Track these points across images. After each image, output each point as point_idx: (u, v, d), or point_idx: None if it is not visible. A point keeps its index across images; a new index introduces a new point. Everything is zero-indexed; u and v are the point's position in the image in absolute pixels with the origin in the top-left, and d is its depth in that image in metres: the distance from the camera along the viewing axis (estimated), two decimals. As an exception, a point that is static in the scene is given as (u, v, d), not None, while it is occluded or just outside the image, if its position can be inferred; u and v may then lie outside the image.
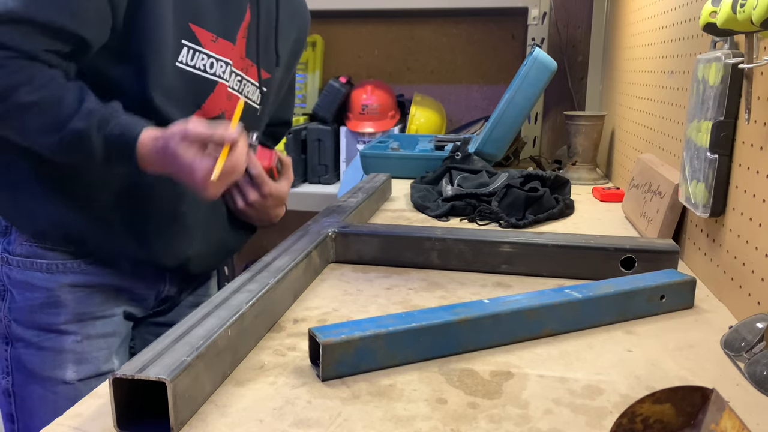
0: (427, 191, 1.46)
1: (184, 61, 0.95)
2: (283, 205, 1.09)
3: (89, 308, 1.01)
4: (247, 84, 1.07)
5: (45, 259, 0.99)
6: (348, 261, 1.03)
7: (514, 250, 0.97)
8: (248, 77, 1.07)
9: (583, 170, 1.70)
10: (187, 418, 0.58)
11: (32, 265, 0.99)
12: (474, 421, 0.59)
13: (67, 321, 1.00)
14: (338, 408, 0.61)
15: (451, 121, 2.46)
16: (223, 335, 0.65)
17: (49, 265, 0.99)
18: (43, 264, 0.99)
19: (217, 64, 0.99)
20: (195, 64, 0.96)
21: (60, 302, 0.99)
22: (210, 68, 0.98)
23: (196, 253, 1.07)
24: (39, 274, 0.99)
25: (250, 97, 1.09)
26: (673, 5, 1.21)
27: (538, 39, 2.03)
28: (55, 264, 0.99)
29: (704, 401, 0.48)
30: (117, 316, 1.05)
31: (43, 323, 0.99)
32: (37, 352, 1.00)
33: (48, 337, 0.99)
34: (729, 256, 0.87)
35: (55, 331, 1.00)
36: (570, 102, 2.33)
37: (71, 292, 1.00)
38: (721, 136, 0.86)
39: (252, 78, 1.08)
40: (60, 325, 1.00)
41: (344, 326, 0.68)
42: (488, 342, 0.73)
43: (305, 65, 2.48)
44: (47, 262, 0.99)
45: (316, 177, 2.30)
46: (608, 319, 0.80)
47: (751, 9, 0.67)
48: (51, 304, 0.99)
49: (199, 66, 0.97)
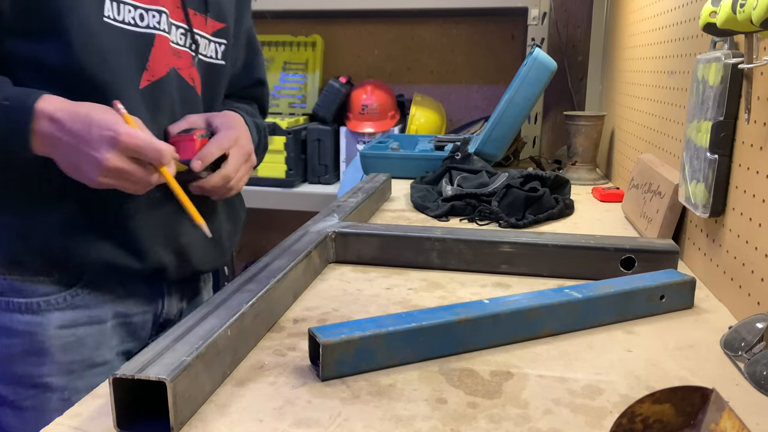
0: (427, 191, 1.46)
1: (111, 16, 0.82)
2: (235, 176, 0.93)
3: (80, 355, 0.88)
4: (199, 38, 0.95)
5: (25, 297, 0.85)
6: (348, 261, 1.03)
7: (513, 250, 0.97)
8: (198, 30, 0.94)
9: (583, 170, 1.71)
10: (187, 418, 0.58)
11: (9, 306, 0.84)
12: (474, 420, 0.59)
13: (53, 373, 0.86)
14: (338, 408, 0.61)
15: (451, 121, 2.46)
16: (223, 335, 0.65)
17: (30, 304, 0.85)
18: (22, 304, 0.85)
19: (148, 15, 0.86)
20: (123, 19, 0.84)
21: (44, 350, 0.85)
22: (141, 20, 0.86)
23: (189, 240, 0.95)
24: (19, 316, 0.85)
25: (205, 53, 0.97)
26: (673, 5, 1.21)
27: (537, 39, 2.03)
28: (37, 302, 0.85)
29: (704, 401, 0.48)
30: (110, 363, 0.92)
31: (23, 376, 0.85)
32: (15, 412, 0.86)
33: (29, 394, 0.86)
34: (729, 256, 0.87)
35: (39, 386, 0.86)
36: (570, 102, 2.33)
37: (58, 336, 0.86)
38: (721, 136, 0.86)
39: (202, 29, 0.95)
40: (44, 377, 0.85)
41: (344, 326, 0.68)
42: (488, 342, 0.73)
43: (305, 65, 2.48)
44: (27, 301, 0.85)
45: (316, 177, 2.30)
46: (608, 319, 0.80)
47: (751, 9, 0.67)
48: (34, 351, 0.85)
49: (128, 20, 0.84)
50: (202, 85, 0.97)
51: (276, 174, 2.25)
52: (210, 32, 0.97)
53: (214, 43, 0.98)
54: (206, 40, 0.96)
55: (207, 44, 0.97)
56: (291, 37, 2.50)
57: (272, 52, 2.52)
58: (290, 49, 2.51)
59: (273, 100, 2.50)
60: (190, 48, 0.94)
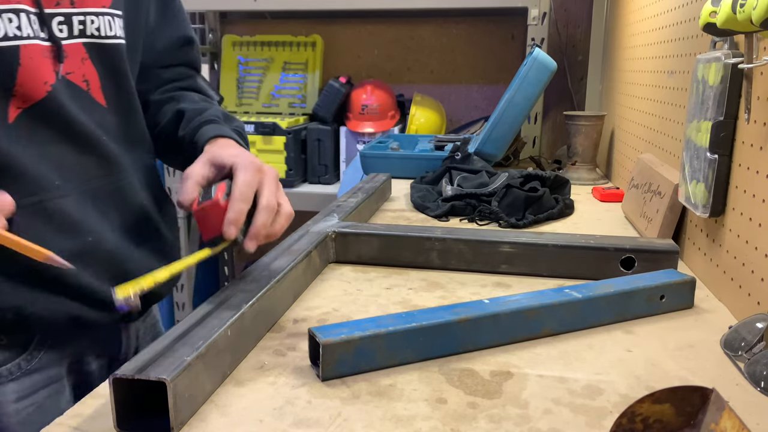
0: (427, 191, 1.46)
1: None
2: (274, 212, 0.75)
3: (41, 423, 0.68)
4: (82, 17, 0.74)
5: None
6: (348, 261, 1.03)
7: (513, 250, 0.97)
8: (78, 8, 0.74)
9: (583, 170, 1.71)
10: (187, 418, 0.58)
11: None
12: (474, 421, 0.59)
13: None
14: (338, 408, 0.61)
15: (451, 121, 2.46)
16: (223, 335, 0.65)
17: None
18: None
19: (2, 20, 0.66)
20: None
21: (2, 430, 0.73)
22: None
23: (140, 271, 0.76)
24: None
25: (100, 34, 0.76)
26: (673, 5, 1.21)
27: (537, 39, 2.03)
28: None
29: (704, 401, 0.48)
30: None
31: None
32: None
33: None
34: (729, 256, 0.87)
35: None
36: (570, 102, 2.33)
37: (16, 412, 0.73)
38: (721, 136, 0.86)
39: (84, 4, 0.75)
40: None
41: (344, 326, 0.68)
42: (488, 342, 0.73)
43: (305, 65, 2.48)
44: None
45: (316, 177, 2.30)
46: (608, 319, 0.80)
47: (751, 9, 0.67)
48: None
49: None
50: (102, 79, 0.79)
51: (276, 174, 2.25)
52: (98, 4, 0.77)
53: (104, 17, 0.77)
54: (92, 17, 0.76)
55: (100, 21, 0.77)
56: (291, 37, 2.50)
57: (272, 52, 2.52)
58: (290, 49, 2.51)
59: (273, 100, 2.50)
60: (75, 36, 0.74)
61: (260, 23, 2.60)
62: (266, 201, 0.73)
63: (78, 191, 0.76)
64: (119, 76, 0.81)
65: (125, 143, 0.83)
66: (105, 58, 0.78)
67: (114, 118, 0.81)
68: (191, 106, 0.90)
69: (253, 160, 0.76)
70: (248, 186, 0.73)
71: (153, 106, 0.93)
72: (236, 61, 2.54)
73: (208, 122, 0.87)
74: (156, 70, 0.93)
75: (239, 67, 2.54)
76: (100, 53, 0.77)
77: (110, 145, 0.80)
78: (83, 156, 0.76)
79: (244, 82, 2.53)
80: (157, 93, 0.94)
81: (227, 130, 0.86)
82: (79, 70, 0.75)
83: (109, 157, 0.80)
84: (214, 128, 0.86)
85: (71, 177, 0.75)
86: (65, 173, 0.74)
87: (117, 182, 0.81)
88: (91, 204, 0.77)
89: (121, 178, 0.82)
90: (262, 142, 2.23)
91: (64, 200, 0.74)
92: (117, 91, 0.81)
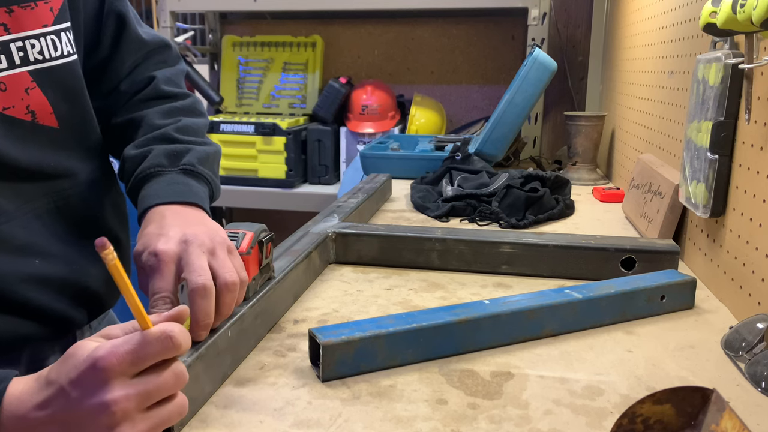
0: (427, 192, 1.46)
1: None
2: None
3: None
4: (20, 43, 0.67)
5: None
6: (348, 261, 1.03)
7: (514, 250, 0.97)
8: (13, 33, 0.67)
9: (583, 170, 1.71)
10: (187, 419, 0.58)
11: None
12: (474, 421, 0.59)
13: None
14: (338, 408, 0.61)
15: (451, 121, 2.46)
16: (223, 336, 0.65)
17: None
18: None
19: None
20: None
21: None
22: None
23: (93, 279, 0.76)
24: None
25: (44, 57, 0.70)
26: (673, 5, 1.21)
27: (538, 39, 2.03)
28: None
29: (705, 402, 0.48)
30: None
31: None
32: None
33: None
34: (729, 256, 0.87)
35: None
36: (570, 102, 2.33)
37: None
38: (721, 136, 0.86)
39: (18, 30, 0.67)
40: None
41: (344, 327, 0.68)
42: (488, 342, 0.73)
43: (305, 66, 2.49)
44: None
45: (316, 177, 2.30)
46: (608, 319, 0.80)
47: (751, 9, 0.67)
48: None
49: None
50: (54, 103, 0.72)
51: (276, 174, 2.25)
52: (37, 25, 0.69)
53: (46, 38, 0.70)
54: (32, 40, 0.69)
55: (36, 46, 0.69)
56: (291, 38, 2.51)
57: (272, 53, 2.52)
58: (290, 49, 2.51)
59: (273, 101, 2.51)
60: (17, 65, 0.67)
61: (260, 24, 2.60)
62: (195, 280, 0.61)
63: (21, 213, 0.70)
64: (73, 94, 0.75)
65: (80, 153, 0.78)
66: (55, 81, 0.71)
67: (68, 134, 0.75)
68: (132, 152, 0.79)
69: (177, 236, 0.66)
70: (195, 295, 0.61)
71: (115, 134, 0.85)
72: (236, 61, 2.54)
73: (147, 178, 0.76)
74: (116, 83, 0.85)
75: (239, 68, 2.54)
76: (50, 77, 0.71)
77: (62, 163, 0.74)
78: (24, 184, 0.70)
79: (244, 82, 2.53)
80: (119, 114, 0.85)
81: (163, 191, 0.74)
82: (22, 103, 0.68)
83: (58, 177, 0.74)
84: (149, 194, 0.74)
85: (13, 201, 0.69)
86: (5, 202, 0.68)
87: (67, 198, 0.75)
88: (39, 225, 0.71)
89: (73, 194, 0.76)
90: (262, 142, 2.23)
91: (7, 225, 0.68)
92: (71, 109, 0.75)
